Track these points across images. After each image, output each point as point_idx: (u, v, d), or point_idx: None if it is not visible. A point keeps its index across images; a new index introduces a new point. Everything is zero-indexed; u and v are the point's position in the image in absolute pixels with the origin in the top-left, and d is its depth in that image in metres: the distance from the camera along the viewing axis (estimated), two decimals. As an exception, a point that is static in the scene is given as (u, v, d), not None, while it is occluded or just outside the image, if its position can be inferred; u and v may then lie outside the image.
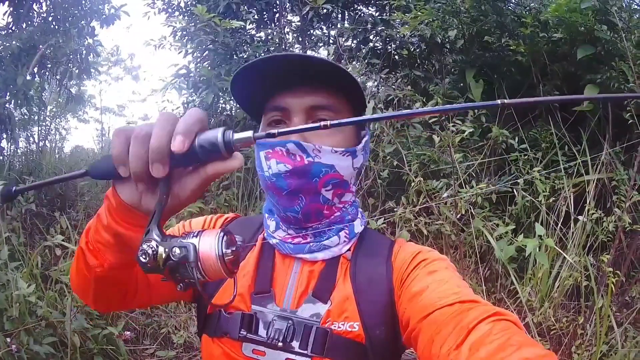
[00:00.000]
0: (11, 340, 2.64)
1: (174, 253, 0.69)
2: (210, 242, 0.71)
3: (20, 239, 3.55)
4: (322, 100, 1.00)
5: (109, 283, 0.90)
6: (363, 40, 5.32)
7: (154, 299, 1.06)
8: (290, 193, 0.99)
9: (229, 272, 0.71)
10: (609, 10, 3.52)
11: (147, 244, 0.69)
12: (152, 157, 0.65)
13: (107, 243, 0.81)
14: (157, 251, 0.69)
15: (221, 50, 4.86)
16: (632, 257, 3.39)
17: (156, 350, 3.49)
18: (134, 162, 0.66)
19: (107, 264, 0.84)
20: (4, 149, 5.72)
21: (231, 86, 1.03)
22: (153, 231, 0.71)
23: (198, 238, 0.71)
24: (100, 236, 0.81)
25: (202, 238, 0.71)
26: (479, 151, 3.86)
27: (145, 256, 0.69)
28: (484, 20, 4.15)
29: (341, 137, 1.02)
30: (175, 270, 0.70)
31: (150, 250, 0.69)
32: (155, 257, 0.69)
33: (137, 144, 0.66)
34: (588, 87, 3.64)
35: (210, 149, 0.67)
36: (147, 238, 0.70)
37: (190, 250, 0.69)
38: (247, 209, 4.26)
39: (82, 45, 6.18)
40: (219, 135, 0.67)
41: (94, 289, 0.93)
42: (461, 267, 3.36)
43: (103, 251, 0.83)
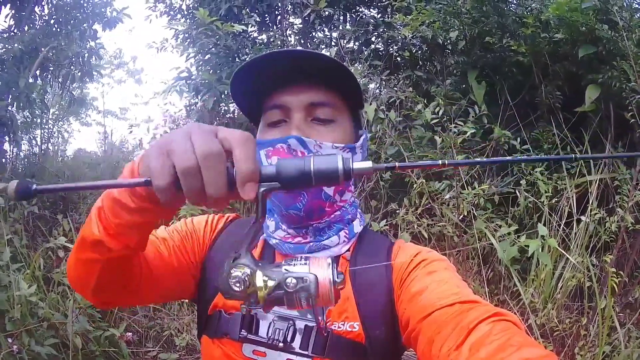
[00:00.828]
0: (12, 341, 2.65)
1: (289, 284, 0.67)
2: (324, 270, 0.70)
3: (22, 241, 3.56)
4: (320, 96, 1.00)
5: (117, 269, 0.87)
6: (365, 42, 5.31)
7: (155, 295, 1.06)
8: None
9: (337, 300, 0.71)
10: (610, 9, 3.51)
11: (239, 270, 0.67)
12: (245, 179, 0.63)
13: (134, 224, 0.78)
14: (253, 279, 0.68)
15: (223, 54, 4.86)
16: (635, 257, 3.38)
17: (159, 352, 3.49)
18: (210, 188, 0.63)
19: (132, 244, 0.82)
20: (6, 152, 5.74)
21: (231, 89, 1.04)
22: (245, 257, 0.69)
23: (308, 266, 0.70)
24: (123, 219, 0.77)
25: (313, 266, 0.70)
26: (481, 152, 3.85)
27: (240, 285, 0.67)
28: (485, 21, 4.15)
29: (341, 133, 1.02)
30: (278, 300, 0.69)
31: (245, 277, 0.67)
32: (249, 284, 0.67)
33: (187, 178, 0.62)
34: (590, 87, 3.63)
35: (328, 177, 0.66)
36: (238, 264, 0.68)
37: (310, 281, 0.68)
38: (250, 211, 4.25)
39: (84, 48, 6.21)
40: (340, 164, 0.66)
41: (97, 277, 0.88)
42: (464, 269, 3.35)
43: (128, 233, 0.80)
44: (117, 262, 0.85)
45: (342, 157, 0.66)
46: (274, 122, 1.02)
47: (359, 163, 0.67)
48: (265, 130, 1.03)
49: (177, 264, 1.04)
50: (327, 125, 1.01)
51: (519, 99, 3.97)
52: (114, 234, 0.79)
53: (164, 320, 3.72)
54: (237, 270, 0.67)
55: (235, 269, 0.68)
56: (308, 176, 0.65)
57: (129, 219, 0.77)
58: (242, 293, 0.68)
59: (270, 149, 0.98)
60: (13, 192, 0.66)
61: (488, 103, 3.92)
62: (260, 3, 5.43)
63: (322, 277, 0.69)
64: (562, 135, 3.66)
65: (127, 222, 0.77)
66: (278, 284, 0.68)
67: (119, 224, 0.78)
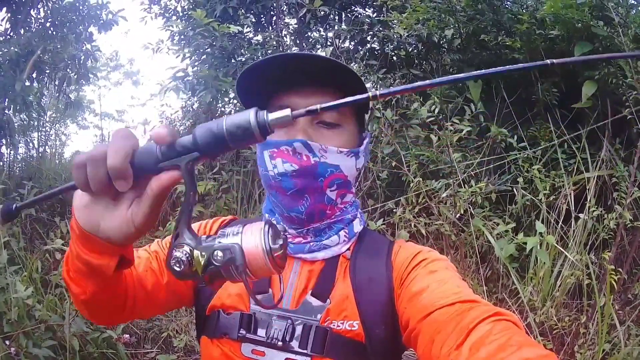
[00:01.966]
0: (10, 344, 2.64)
1: (216, 257, 0.64)
2: (255, 238, 0.66)
3: (20, 244, 3.55)
4: (327, 100, 0.99)
5: (99, 303, 0.90)
6: (360, 41, 5.31)
7: (154, 307, 1.06)
8: (295, 193, 0.99)
9: (277, 267, 0.67)
10: (606, 5, 3.51)
11: (179, 250, 0.65)
12: (112, 174, 0.64)
13: (82, 271, 0.80)
14: (192, 256, 0.65)
15: (219, 54, 4.86)
16: (634, 254, 3.37)
17: (157, 354, 3.48)
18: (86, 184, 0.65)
19: (88, 290, 0.84)
20: (3, 155, 5.73)
21: (237, 86, 1.04)
22: (184, 234, 0.66)
23: (239, 236, 0.66)
24: (75, 265, 0.80)
25: (245, 235, 0.66)
26: (478, 150, 3.85)
27: (180, 264, 0.64)
28: (481, 19, 4.15)
29: (345, 137, 1.03)
30: (217, 274, 0.65)
31: (185, 256, 0.64)
32: (190, 263, 0.64)
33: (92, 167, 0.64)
34: (586, 84, 3.63)
35: (243, 135, 0.62)
36: (178, 243, 0.65)
37: (236, 251, 0.64)
38: (247, 212, 4.25)
39: (80, 51, 6.19)
40: (252, 117, 0.62)
41: (87, 310, 0.94)
42: (462, 267, 3.35)
43: (82, 279, 0.83)
44: (95, 301, 0.88)
45: (256, 110, 0.63)
46: None
47: (275, 113, 0.64)
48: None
49: (169, 275, 1.04)
50: (333, 129, 1.02)
51: (515, 97, 3.96)
52: (73, 279, 0.84)
53: (162, 321, 3.71)
54: (177, 250, 0.65)
55: (176, 249, 0.65)
56: (221, 137, 0.62)
57: (77, 265, 0.79)
58: (183, 272, 0.65)
59: (274, 150, 0.99)
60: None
61: (484, 101, 3.92)
62: (256, 4, 5.43)
63: (253, 246, 0.65)
64: (559, 132, 3.66)
65: (77, 268, 0.80)
66: (208, 258, 0.64)
67: (74, 269, 0.82)
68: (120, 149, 0.63)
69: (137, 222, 0.68)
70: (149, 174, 0.65)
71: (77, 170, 0.65)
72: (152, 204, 0.66)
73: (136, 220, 0.68)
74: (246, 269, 0.65)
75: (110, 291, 0.87)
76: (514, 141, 3.69)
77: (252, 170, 4.31)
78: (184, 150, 0.64)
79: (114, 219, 0.68)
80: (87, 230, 0.71)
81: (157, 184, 0.65)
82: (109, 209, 0.69)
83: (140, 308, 1.00)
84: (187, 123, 5.84)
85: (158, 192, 0.65)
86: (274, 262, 0.66)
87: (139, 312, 1.02)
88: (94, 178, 0.64)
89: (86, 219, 0.70)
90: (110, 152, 0.63)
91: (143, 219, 0.68)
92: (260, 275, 0.67)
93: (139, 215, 0.67)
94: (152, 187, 0.65)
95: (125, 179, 0.64)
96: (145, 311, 1.04)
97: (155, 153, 0.64)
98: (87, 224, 0.70)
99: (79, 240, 0.74)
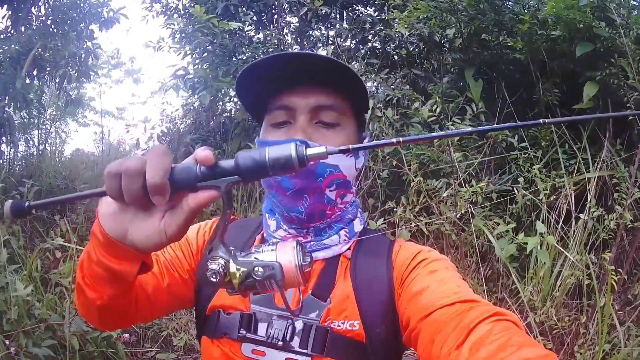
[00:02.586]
0: (10, 343, 2.64)
1: (257, 273, 0.72)
2: (289, 255, 0.74)
3: (20, 242, 3.55)
4: (326, 100, 1.01)
5: (114, 308, 0.91)
6: (362, 40, 5.30)
7: (155, 310, 1.06)
8: (295, 193, 0.99)
9: (305, 281, 0.76)
10: (607, 6, 3.51)
11: (214, 262, 0.71)
12: (151, 189, 0.65)
13: (102, 277, 0.81)
14: (228, 269, 0.71)
15: (219, 52, 4.85)
16: (633, 254, 3.37)
17: (157, 353, 3.48)
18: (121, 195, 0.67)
19: (106, 295, 0.84)
20: (3, 152, 5.72)
21: (236, 85, 1.04)
22: (218, 249, 0.72)
23: (275, 253, 0.74)
24: (94, 271, 0.81)
25: (280, 252, 0.75)
26: (479, 150, 3.84)
27: (216, 276, 0.71)
28: (482, 18, 4.14)
29: (345, 137, 1.03)
30: (252, 286, 0.73)
31: (220, 268, 0.71)
32: (226, 275, 0.71)
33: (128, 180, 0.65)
34: (588, 85, 3.62)
35: (283, 166, 0.67)
36: (213, 256, 0.72)
37: (276, 268, 0.72)
38: (247, 211, 4.25)
39: (81, 49, 6.18)
40: (293, 151, 0.66)
41: (98, 317, 0.95)
42: (462, 267, 3.34)
43: (100, 284, 0.83)
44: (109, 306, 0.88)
45: (296, 145, 0.67)
46: (278, 122, 1.03)
47: (313, 149, 0.68)
48: (268, 130, 1.04)
49: (170, 278, 1.05)
50: (332, 128, 1.02)
51: (516, 97, 3.96)
52: (89, 284, 0.85)
53: (161, 320, 3.70)
54: (213, 263, 0.71)
55: (212, 261, 0.71)
56: (264, 166, 0.67)
57: (97, 271, 0.80)
58: (219, 283, 0.72)
59: None
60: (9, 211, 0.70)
61: (485, 101, 3.91)
62: (257, 2, 5.42)
63: (288, 262, 0.73)
64: (560, 132, 3.65)
65: (96, 274, 0.81)
66: (248, 273, 0.72)
67: (91, 275, 0.83)
68: (161, 166, 0.65)
69: (170, 233, 0.70)
70: (185, 190, 0.69)
71: (110, 179, 0.66)
72: (187, 217, 0.69)
73: (169, 231, 0.70)
74: (283, 283, 0.74)
75: (127, 295, 0.89)
76: (514, 141, 3.68)
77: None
78: (225, 173, 0.68)
79: (145, 228, 0.70)
80: (113, 237, 0.72)
81: (194, 201, 0.68)
82: (138, 217, 0.71)
83: (143, 311, 1.00)
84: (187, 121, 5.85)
85: (195, 208, 0.68)
86: (303, 276, 0.75)
87: (141, 316, 1.03)
88: (129, 190, 0.66)
89: (113, 226, 0.72)
90: (150, 168, 0.65)
91: (176, 231, 0.70)
92: (290, 287, 0.75)
93: (172, 227, 0.70)
94: (190, 203, 0.68)
95: (163, 194, 0.66)
96: (147, 314, 1.05)
97: (194, 172, 0.68)
98: (113, 231, 0.72)
99: (101, 247, 0.75)
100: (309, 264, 0.76)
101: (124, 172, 0.65)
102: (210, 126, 5.37)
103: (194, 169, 0.67)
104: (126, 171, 0.65)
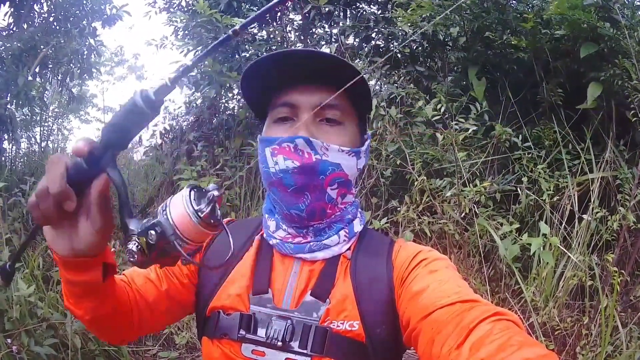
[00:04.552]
0: (12, 342, 2.64)
1: (151, 236, 0.65)
2: (179, 205, 0.66)
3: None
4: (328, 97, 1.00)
5: (104, 319, 0.93)
6: (365, 38, 5.30)
7: (159, 318, 1.07)
8: (296, 190, 0.99)
9: (210, 226, 0.67)
10: (612, 7, 3.50)
11: (131, 243, 0.67)
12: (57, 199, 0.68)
13: (77, 294, 0.86)
14: (141, 243, 0.66)
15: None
16: (636, 256, 3.36)
17: (158, 351, 3.49)
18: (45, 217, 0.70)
19: (88, 308, 0.88)
20: (5, 150, 5.73)
21: (242, 80, 1.05)
22: (130, 225, 0.68)
23: (167, 209, 0.67)
24: (70, 290, 0.86)
25: (171, 206, 0.67)
26: (483, 149, 3.84)
27: (134, 255, 0.66)
28: (486, 17, 4.13)
29: (347, 137, 1.03)
30: (162, 252, 0.66)
31: (136, 247, 0.66)
32: (142, 250, 0.66)
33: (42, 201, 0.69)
34: (591, 85, 3.61)
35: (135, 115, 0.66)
36: (128, 236, 0.67)
37: (162, 224, 0.66)
38: (250, 209, 4.24)
39: (84, 46, 6.18)
40: (137, 97, 0.65)
41: (96, 329, 1.00)
42: (465, 266, 3.34)
43: (79, 301, 0.87)
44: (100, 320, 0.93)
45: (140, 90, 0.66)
46: (281, 118, 1.03)
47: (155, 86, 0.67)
48: (271, 127, 1.05)
49: (169, 283, 1.08)
50: (335, 127, 1.02)
51: (520, 96, 3.95)
52: (73, 303, 0.89)
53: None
54: (130, 243, 0.67)
55: (128, 242, 0.67)
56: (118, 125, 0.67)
57: (72, 289, 0.85)
58: (142, 261, 0.67)
59: (276, 147, 0.99)
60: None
61: (489, 100, 3.91)
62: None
63: (179, 213, 0.66)
64: (563, 132, 3.65)
65: (72, 292, 0.86)
66: (146, 241, 0.66)
67: (70, 294, 0.87)
68: (55, 175, 0.67)
69: (98, 227, 0.73)
70: (87, 185, 0.70)
71: (32, 210, 0.70)
72: (99, 208, 0.71)
73: (95, 226, 0.72)
74: (182, 237, 0.66)
75: (108, 304, 0.91)
76: (518, 140, 3.67)
77: (255, 166, 4.30)
78: (101, 153, 0.68)
79: (79, 234, 0.74)
80: (65, 256, 0.76)
81: (93, 192, 0.70)
82: (72, 229, 0.74)
83: (147, 320, 1.02)
84: (190, 119, 5.85)
85: (98, 197, 0.70)
86: (203, 222, 0.66)
87: (146, 326, 1.05)
88: (46, 210, 0.69)
89: (60, 247, 0.76)
90: (49, 181, 0.67)
91: (99, 223, 0.72)
92: (198, 239, 0.68)
93: (95, 221, 0.72)
94: (92, 195, 0.70)
95: (69, 199, 0.68)
96: (152, 323, 1.06)
97: (81, 165, 0.69)
98: (63, 250, 0.76)
99: (63, 268, 0.80)
100: (206, 207, 0.67)
101: (37, 198, 0.69)
102: (212, 124, 5.36)
103: (80, 164, 0.68)
104: (37, 195, 0.68)
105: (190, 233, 0.66)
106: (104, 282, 0.84)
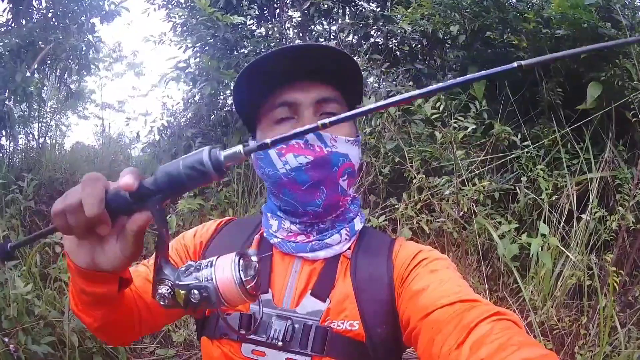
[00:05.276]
0: (9, 340, 2.63)
1: (194, 296, 0.68)
2: (227, 272, 0.69)
3: (19, 237, 3.54)
4: (327, 92, 1.02)
5: (112, 326, 0.93)
6: (364, 35, 5.29)
7: (158, 318, 1.07)
8: (312, 186, 0.99)
9: (251, 297, 0.72)
10: (613, 7, 3.49)
11: (162, 286, 0.70)
12: (92, 222, 0.66)
13: (88, 303, 0.84)
14: (174, 292, 0.69)
15: (221, 46, 4.84)
16: (635, 256, 3.37)
17: (156, 348, 3.48)
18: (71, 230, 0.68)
19: (98, 317, 0.88)
20: (3, 146, 5.72)
21: (235, 87, 1.04)
22: (164, 269, 0.71)
23: (213, 269, 0.70)
24: (81, 299, 0.84)
25: (217, 269, 0.70)
26: (481, 148, 3.83)
27: (164, 299, 0.69)
28: (486, 16, 4.12)
29: (347, 127, 1.03)
30: (197, 307, 0.70)
31: (167, 292, 0.69)
32: (173, 296, 0.69)
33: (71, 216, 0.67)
34: (591, 85, 3.61)
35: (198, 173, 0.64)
36: (160, 279, 0.70)
37: (210, 290, 0.68)
38: (248, 206, 4.23)
39: (82, 42, 6.16)
40: (205, 156, 0.63)
41: (104, 335, 1.00)
42: (463, 265, 3.34)
43: (90, 309, 0.87)
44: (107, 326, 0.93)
45: (209, 149, 0.65)
46: (280, 119, 1.02)
47: (227, 150, 0.66)
48: (272, 128, 1.03)
49: None
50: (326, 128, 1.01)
51: (519, 95, 3.94)
52: (81, 310, 0.88)
53: (161, 316, 3.70)
54: (160, 287, 0.70)
55: (159, 285, 0.70)
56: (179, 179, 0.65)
57: (82, 298, 0.84)
58: (171, 305, 0.70)
59: (283, 146, 0.98)
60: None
61: (488, 99, 3.90)
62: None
63: (225, 279, 0.69)
64: (562, 132, 3.64)
65: (82, 300, 0.85)
66: (187, 297, 0.69)
67: (80, 302, 0.86)
68: (95, 198, 0.65)
69: (127, 254, 0.72)
70: (124, 214, 0.69)
71: (57, 217, 0.68)
72: (134, 240, 0.70)
73: (125, 253, 0.72)
74: (222, 301, 0.69)
75: (119, 312, 0.91)
76: (517, 139, 3.67)
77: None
78: (149, 193, 0.67)
79: (106, 253, 0.72)
80: (83, 267, 0.75)
81: (132, 226, 0.69)
82: (97, 245, 0.72)
83: (147, 321, 1.02)
84: (188, 115, 5.83)
85: (137, 231, 0.69)
86: (246, 292, 0.70)
87: (146, 326, 1.04)
88: (76, 226, 0.67)
89: (80, 258, 0.74)
90: (86, 201, 0.65)
91: (130, 251, 0.72)
92: (235, 304, 0.72)
93: (126, 249, 0.71)
94: (131, 228, 0.69)
95: (105, 223, 0.67)
96: (151, 324, 1.06)
97: (124, 197, 0.67)
98: (82, 262, 0.74)
99: (78, 277, 0.78)
100: (252, 279, 0.72)
101: (67, 210, 0.66)
102: (211, 120, 5.35)
103: (123, 194, 0.67)
104: (67, 208, 0.66)
105: (231, 299, 0.70)
106: (117, 296, 0.84)
